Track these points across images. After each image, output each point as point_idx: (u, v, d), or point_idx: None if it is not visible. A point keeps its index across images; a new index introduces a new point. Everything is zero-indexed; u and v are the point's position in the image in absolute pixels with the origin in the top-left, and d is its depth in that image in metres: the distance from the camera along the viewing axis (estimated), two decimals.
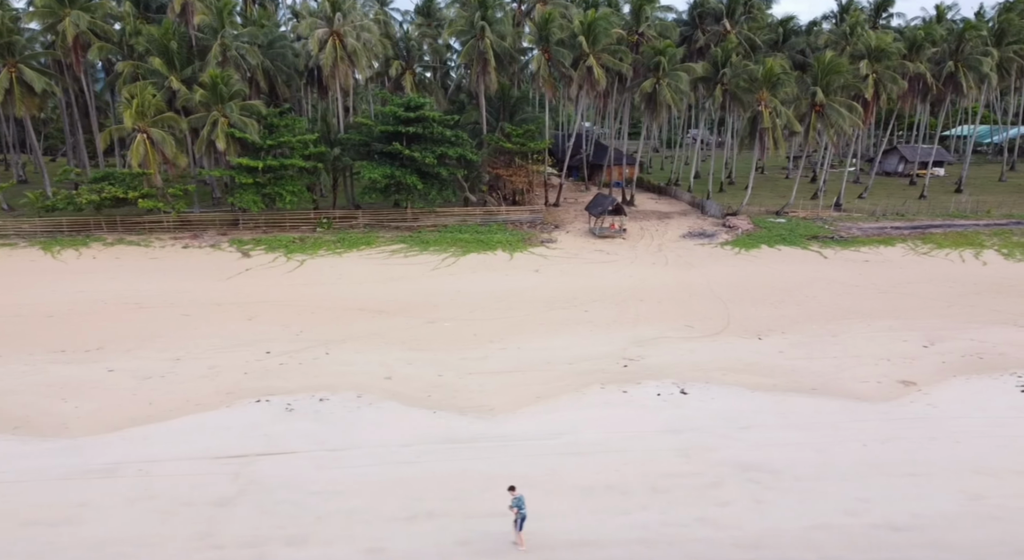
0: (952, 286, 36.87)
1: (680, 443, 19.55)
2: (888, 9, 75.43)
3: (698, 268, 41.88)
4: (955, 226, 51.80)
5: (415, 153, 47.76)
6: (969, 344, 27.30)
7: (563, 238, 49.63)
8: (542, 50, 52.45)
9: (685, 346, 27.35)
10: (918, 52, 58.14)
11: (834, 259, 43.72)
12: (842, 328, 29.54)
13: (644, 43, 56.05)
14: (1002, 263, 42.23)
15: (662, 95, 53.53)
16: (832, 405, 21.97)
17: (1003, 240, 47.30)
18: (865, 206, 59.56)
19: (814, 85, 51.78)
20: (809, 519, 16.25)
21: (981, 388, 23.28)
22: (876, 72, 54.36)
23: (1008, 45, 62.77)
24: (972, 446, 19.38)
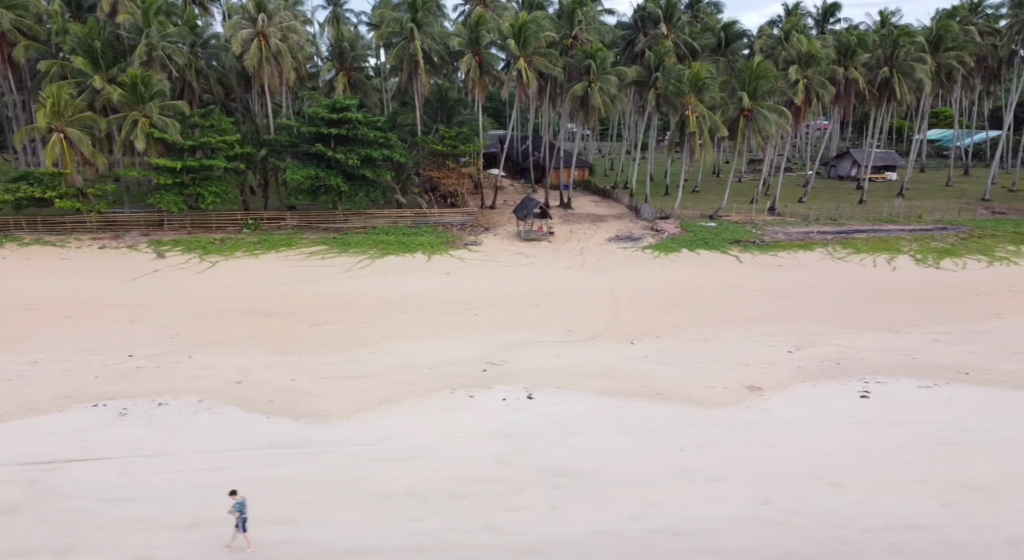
0: (851, 291, 37.19)
1: (503, 449, 19.64)
2: (835, 14, 76.30)
3: (611, 272, 42.05)
4: (881, 231, 52.24)
5: (338, 154, 47.75)
6: (834, 349, 27.56)
7: (489, 241, 49.71)
8: (473, 53, 52.50)
9: (554, 351, 27.46)
10: (852, 58, 58.57)
11: (749, 264, 44.00)
12: (719, 333, 29.74)
13: (578, 46, 56.17)
14: (911, 269, 42.62)
15: (593, 98, 53.70)
16: (670, 410, 22.13)
17: (921, 245, 47.75)
18: (801, 210, 59.97)
19: (742, 90, 52.11)
20: (596, 524, 16.37)
21: (823, 393, 23.51)
22: (807, 77, 54.81)
23: (946, 51, 63.39)
24: (784, 451, 19.58)
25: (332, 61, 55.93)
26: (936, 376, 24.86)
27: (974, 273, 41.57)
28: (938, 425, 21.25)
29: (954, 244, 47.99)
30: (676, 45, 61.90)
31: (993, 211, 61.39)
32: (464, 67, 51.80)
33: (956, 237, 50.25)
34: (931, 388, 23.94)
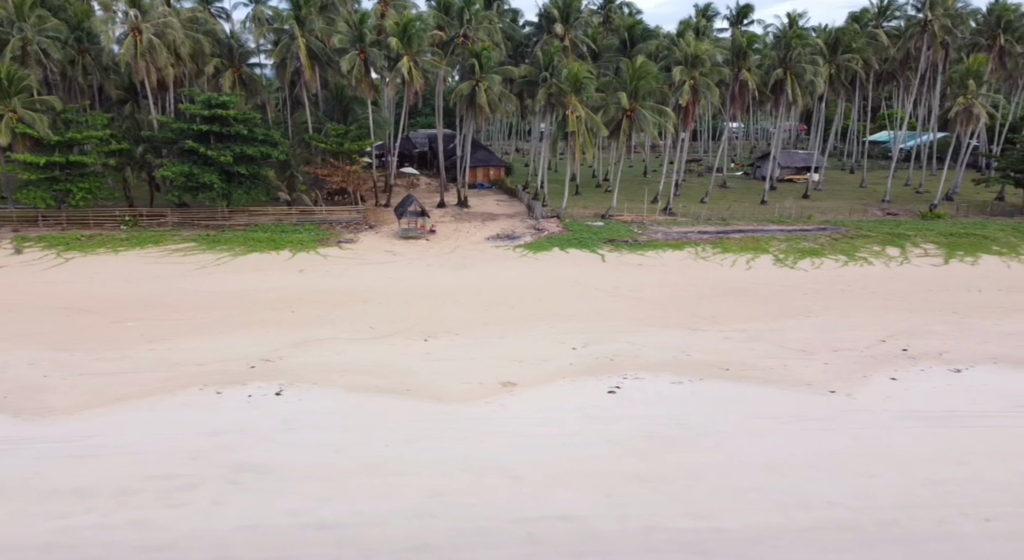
0: (688, 290, 37.57)
1: (207, 445, 19.67)
2: (748, 16, 77.08)
3: (469, 270, 42.22)
4: (761, 232, 52.74)
5: (211, 151, 47.57)
6: (620, 346, 27.82)
7: (367, 239, 49.70)
8: (358, 51, 52.46)
9: (341, 348, 27.53)
10: (744, 59, 59.13)
11: (611, 263, 44.31)
12: (521, 331, 29.95)
13: (468, 45, 56.28)
14: (766, 268, 43.09)
15: (479, 97, 53.82)
16: (407, 406, 22.28)
17: (790, 246, 48.29)
18: (695, 211, 60.49)
19: (622, 90, 52.47)
20: (247, 520, 16.47)
21: (574, 389, 23.76)
22: (694, 78, 55.25)
23: (843, 54, 64.24)
24: (491, 445, 19.83)
25: (220, 58, 55.57)
26: (697, 372, 25.19)
27: (824, 273, 42.15)
28: (661, 419, 21.55)
29: (823, 244, 48.60)
30: (575, 45, 62.40)
31: (886, 212, 62.23)
32: (346, 65, 51.70)
33: (829, 238, 50.88)
34: (682, 384, 24.26)
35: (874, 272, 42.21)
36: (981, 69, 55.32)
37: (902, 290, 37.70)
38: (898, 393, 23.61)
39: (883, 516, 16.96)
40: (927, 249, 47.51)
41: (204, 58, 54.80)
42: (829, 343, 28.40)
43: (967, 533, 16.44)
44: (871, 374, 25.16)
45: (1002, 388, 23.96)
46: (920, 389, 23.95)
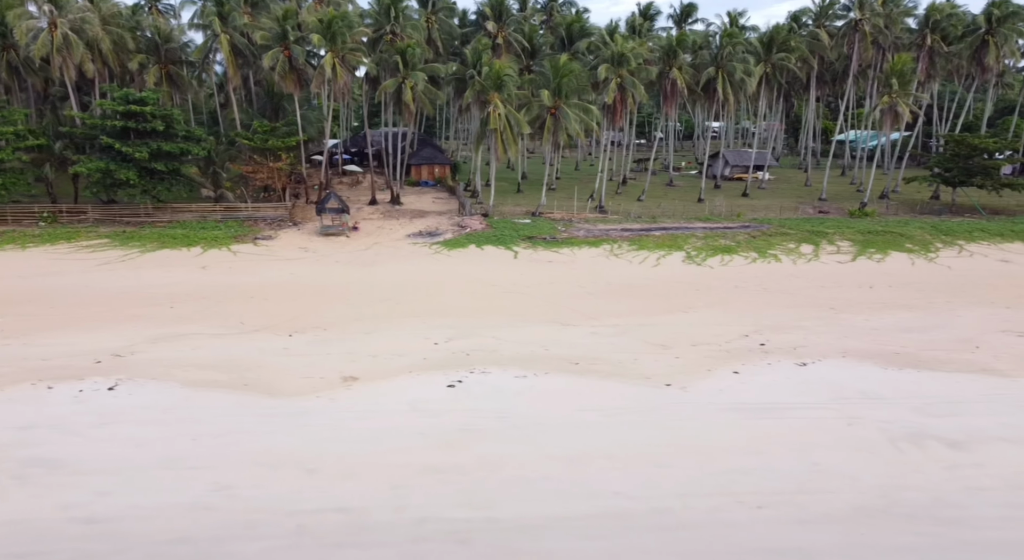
0: (583, 287, 37.69)
1: (11, 439, 19.55)
2: (692, 15, 77.33)
3: (377, 267, 42.21)
4: (683, 229, 52.93)
5: (126, 148, 47.33)
6: (483, 342, 27.81)
7: (287, 236, 49.59)
8: (282, 47, 52.33)
9: (200, 342, 27.44)
10: (674, 58, 59.35)
11: (523, 260, 44.38)
12: (389, 326, 30.00)
13: (396, 42, 56.24)
14: (674, 265, 43.25)
15: (405, 94, 53.78)
16: (236, 400, 22.22)
17: (706, 243, 48.50)
18: (633, 208, 60.72)
19: (545, 88, 52.56)
20: (14, 514, 16.39)
21: (416, 383, 23.68)
22: (620, 77, 55.40)
23: (778, 53, 64.58)
24: (301, 438, 19.78)
25: (147, 54, 55.30)
26: (546, 366, 25.26)
27: (729, 269, 42.36)
28: (486, 412, 21.60)
29: (739, 242, 48.84)
30: (508, 43, 62.49)
31: (819, 210, 62.64)
32: (268, 62, 51.58)
33: (748, 235, 51.15)
34: (526, 378, 24.33)
35: (778, 269, 42.49)
36: (905, 68, 55.74)
37: (796, 286, 37.97)
38: (733, 386, 23.76)
39: (659, 504, 17.08)
40: (841, 246, 47.86)
41: (128, 55, 54.55)
42: (692, 337, 28.57)
43: (735, 520, 16.58)
44: (716, 368, 25.32)
45: (835, 381, 24.16)
46: (756, 382, 24.11)
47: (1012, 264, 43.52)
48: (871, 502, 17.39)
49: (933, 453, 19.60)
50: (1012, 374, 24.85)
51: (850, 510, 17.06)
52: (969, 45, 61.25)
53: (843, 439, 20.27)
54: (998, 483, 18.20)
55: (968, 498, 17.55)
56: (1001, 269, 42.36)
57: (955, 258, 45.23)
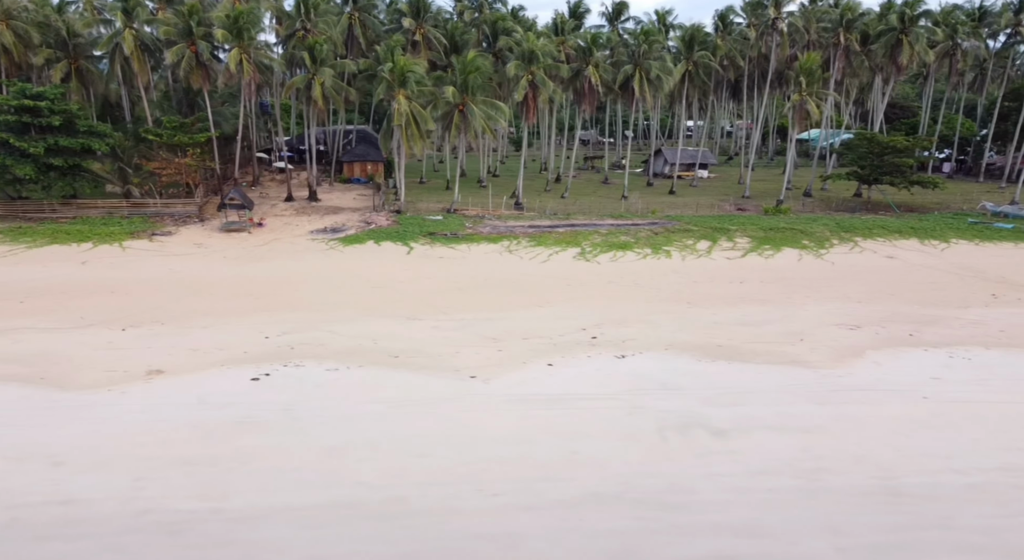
0: (456, 282, 37.73)
1: None
2: (624, 13, 77.59)
3: (262, 263, 42.09)
4: (590, 226, 53.08)
5: (20, 143, 46.96)
6: (318, 335, 27.85)
7: (188, 231, 49.36)
8: (188, 43, 52.08)
9: (20, 337, 27.26)
10: (590, 56, 59.55)
11: (414, 256, 44.38)
12: (229, 320, 29.94)
13: (308, 39, 56.08)
14: (563, 262, 43.31)
15: (313, 90, 53.68)
16: (22, 393, 22.16)
17: (606, 240, 48.70)
18: (554, 206, 60.90)
19: (451, 84, 52.62)
20: None
21: (219, 377, 23.71)
22: (532, 74, 55.54)
23: (699, 51, 64.99)
24: (70, 431, 19.75)
25: (54, 49, 54.85)
26: (365, 359, 25.31)
27: (615, 265, 42.52)
28: (270, 405, 21.62)
29: (639, 239, 49.08)
30: (428, 40, 62.51)
31: (737, 207, 63.10)
32: (172, 57, 51.31)
33: (651, 232, 51.39)
34: (337, 370, 24.34)
35: (664, 265, 42.73)
36: (813, 66, 56.22)
37: (669, 282, 38.21)
38: (539, 378, 23.91)
39: (397, 493, 17.18)
40: (738, 243, 48.22)
41: (34, 49, 54.09)
42: (530, 331, 28.71)
43: (465, 507, 16.71)
44: (533, 361, 25.46)
45: (643, 373, 24.37)
46: (564, 374, 24.27)
47: (895, 260, 44.01)
48: (609, 489, 17.57)
49: (694, 441, 19.83)
50: (817, 365, 25.17)
51: (584, 496, 17.24)
52: (884, 44, 61.90)
53: (616, 429, 20.46)
54: (740, 469, 18.44)
55: (703, 483, 17.78)
56: (881, 264, 42.83)
57: (845, 254, 45.71)
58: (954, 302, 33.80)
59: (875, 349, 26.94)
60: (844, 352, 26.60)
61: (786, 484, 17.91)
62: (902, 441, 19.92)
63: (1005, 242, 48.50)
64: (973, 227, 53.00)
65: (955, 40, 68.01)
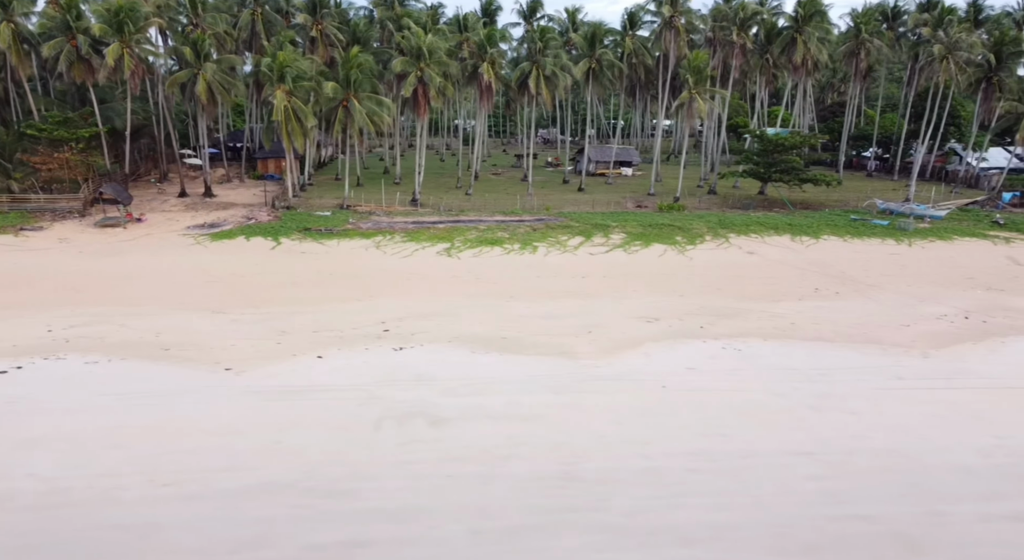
0: (294, 277, 37.66)
1: None
2: (539, 11, 77.99)
3: (116, 257, 41.77)
4: (473, 222, 53.11)
5: None
6: (108, 329, 27.76)
7: (61, 227, 48.89)
8: (67, 37, 51.62)
9: None
10: (484, 53, 59.68)
11: (279, 251, 44.21)
12: (29, 312, 29.77)
13: (197, 33, 55.78)
14: (425, 258, 43.25)
15: (197, 85, 53.38)
16: None
17: (480, 236, 48.67)
18: (452, 202, 61.02)
19: (333, 80, 52.59)
20: None
21: None
22: (421, 70, 55.57)
23: (600, 49, 65.38)
24: None
25: None
26: (126, 352, 25.26)
27: (476, 260, 42.53)
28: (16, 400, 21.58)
29: (516, 234, 49.20)
30: (325, 35, 62.39)
31: (637, 205, 63.53)
32: (48, 51, 50.81)
33: (531, 227, 51.65)
34: (97, 363, 24.27)
35: (522, 260, 42.90)
36: (701, 64, 56.75)
37: (513, 277, 38.38)
38: (297, 371, 23.97)
39: (65, 485, 17.14)
40: (612, 239, 48.57)
41: None
42: (325, 325, 28.72)
43: (127, 498, 16.66)
44: (304, 353, 25.52)
45: (406, 364, 24.53)
46: (326, 366, 24.35)
47: (755, 256, 44.57)
48: (286, 477, 17.67)
49: (407, 430, 20.01)
50: (583, 357, 25.49)
51: (256, 485, 17.31)
52: (780, 43, 62.66)
53: (334, 419, 20.58)
54: (433, 457, 18.63)
55: (389, 471, 17.95)
56: (738, 260, 43.33)
57: (711, 250, 46.19)
58: (774, 296, 34.28)
59: (655, 341, 27.29)
60: (623, 344, 26.93)
61: (469, 470, 18.12)
62: (611, 428, 20.23)
63: (874, 239, 49.26)
64: (852, 224, 53.81)
65: (860, 39, 69.15)
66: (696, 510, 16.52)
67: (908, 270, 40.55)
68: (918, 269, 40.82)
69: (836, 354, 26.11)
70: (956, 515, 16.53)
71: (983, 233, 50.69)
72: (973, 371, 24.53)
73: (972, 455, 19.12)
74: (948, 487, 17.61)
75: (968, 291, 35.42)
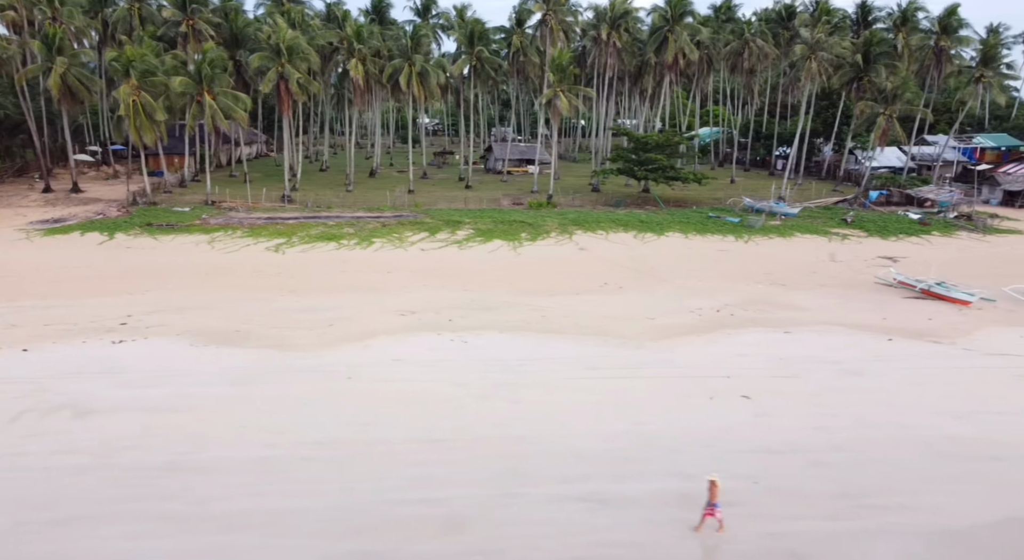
0: (89, 268, 37.60)
1: None
2: (432, 10, 78.07)
3: None
4: (332, 218, 53.05)
5: None
6: None
7: None
8: None
9: None
10: (353, 50, 59.69)
11: (108, 246, 43.76)
12: None
13: (55, 28, 55.19)
14: (251, 253, 43.03)
15: (52, 79, 52.88)
16: None
17: (325, 231, 48.41)
18: (325, 198, 60.97)
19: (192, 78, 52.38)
20: None
21: None
22: (282, 66, 55.43)
23: (478, 46, 65.61)
24: None
25: None
26: None
27: (301, 255, 42.49)
28: None
29: (360, 230, 49.24)
30: (197, 31, 62.05)
31: (515, 202, 63.86)
32: None
33: (381, 223, 51.78)
34: None
35: (345, 255, 42.84)
36: (564, 63, 57.18)
37: (316, 272, 38.45)
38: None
39: None
40: (460, 235, 48.80)
41: None
42: (60, 319, 28.52)
43: None
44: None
45: (107, 357, 24.56)
46: (28, 359, 24.38)
47: (585, 251, 44.99)
48: None
49: (46, 422, 19.98)
50: (300, 348, 25.76)
51: None
52: (653, 41, 63.35)
53: None
54: (48, 449, 18.67)
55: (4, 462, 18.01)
56: (564, 256, 43.70)
57: (548, 246, 46.50)
58: (558, 290, 34.58)
59: (389, 334, 27.51)
60: (354, 336, 27.16)
61: (80, 461, 18.19)
62: (235, 419, 20.39)
63: (716, 236, 49.89)
64: (707, 221, 54.51)
65: (744, 39, 70.07)
66: (268, 498, 16.73)
67: (719, 266, 41.19)
68: (728, 265, 41.47)
69: (552, 345, 26.49)
70: (527, 497, 16.91)
71: (826, 231, 51.60)
72: (667, 361, 25.02)
73: (594, 440, 19.53)
74: (541, 470, 17.98)
75: (752, 285, 36.05)
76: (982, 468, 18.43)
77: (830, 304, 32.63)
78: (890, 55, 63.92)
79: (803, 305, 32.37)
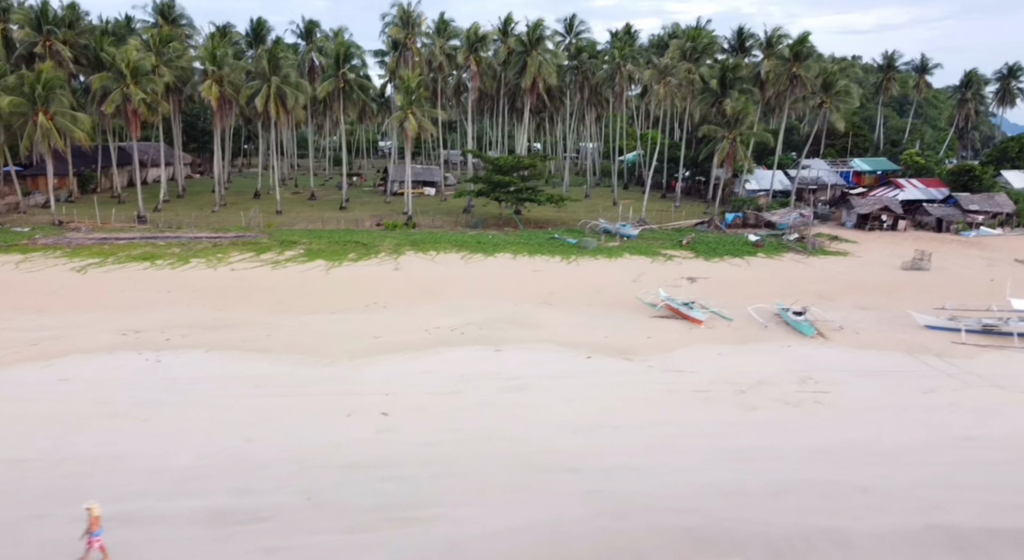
0: None
1: None
2: (315, 31, 79.04)
3: None
4: (172, 238, 52.87)
5: None
6: None
7: None
8: None
9: None
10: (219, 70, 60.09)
11: None
12: None
13: None
14: (52, 275, 42.75)
15: None
16: None
17: (150, 251, 48.34)
18: (178, 219, 60.77)
19: None
20: None
21: None
22: (127, 87, 55.60)
23: (345, 67, 66.39)
24: None
25: None
26: None
27: (103, 275, 42.34)
28: None
29: (187, 251, 48.96)
30: (54, 52, 62.09)
31: (376, 223, 64.00)
32: None
33: (213, 244, 51.58)
34: None
35: (154, 275, 42.44)
36: (412, 85, 58.05)
37: (96, 288, 38.36)
38: None
39: None
40: (288, 255, 48.68)
41: None
42: None
43: None
44: None
45: None
46: None
47: (399, 271, 45.01)
48: None
49: None
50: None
51: None
52: (514, 64, 64.59)
53: None
54: None
55: None
56: (377, 275, 43.65)
57: (365, 267, 46.40)
58: (320, 309, 34.76)
59: (87, 352, 27.44)
60: (41, 355, 27.03)
61: None
62: None
63: (544, 256, 50.33)
64: (546, 242, 55.05)
65: (616, 63, 71.66)
66: None
67: (507, 285, 41.40)
68: (522, 284, 41.85)
69: (245, 364, 26.56)
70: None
71: (656, 252, 52.35)
72: (344, 378, 25.28)
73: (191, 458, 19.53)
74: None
75: (519, 304, 36.26)
76: (546, 480, 18.68)
77: (575, 322, 33.04)
78: (745, 81, 65.78)
79: (546, 323, 32.74)
